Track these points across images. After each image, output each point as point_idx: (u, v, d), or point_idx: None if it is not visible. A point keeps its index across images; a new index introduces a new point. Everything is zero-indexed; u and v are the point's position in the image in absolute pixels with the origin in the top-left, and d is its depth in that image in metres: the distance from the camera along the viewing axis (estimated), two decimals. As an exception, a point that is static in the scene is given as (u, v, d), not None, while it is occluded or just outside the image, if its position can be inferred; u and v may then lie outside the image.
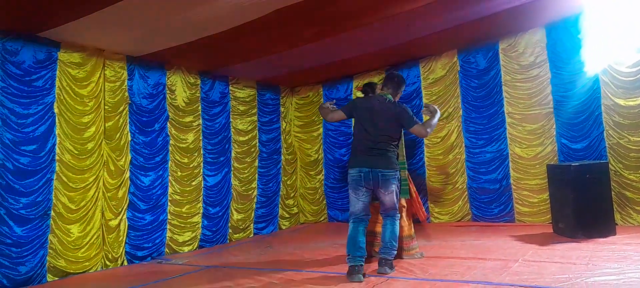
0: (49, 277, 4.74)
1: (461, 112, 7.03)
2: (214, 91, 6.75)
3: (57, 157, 4.88)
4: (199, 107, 6.49)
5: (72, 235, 4.93)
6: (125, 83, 5.59)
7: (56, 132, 4.89)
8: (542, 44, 6.52)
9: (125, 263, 5.41)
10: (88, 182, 5.12)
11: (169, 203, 5.98)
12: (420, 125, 4.14)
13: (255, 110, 7.44)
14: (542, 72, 6.51)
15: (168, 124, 6.06)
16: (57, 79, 4.92)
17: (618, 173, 5.94)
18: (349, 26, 5.48)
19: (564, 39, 6.34)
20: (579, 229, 5.16)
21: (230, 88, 7.03)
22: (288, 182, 8.04)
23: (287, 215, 7.95)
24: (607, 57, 6.01)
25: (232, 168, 6.94)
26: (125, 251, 5.44)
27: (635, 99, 5.90)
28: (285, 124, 8.13)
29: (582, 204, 5.18)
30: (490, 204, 6.81)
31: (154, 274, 4.84)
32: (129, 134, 5.59)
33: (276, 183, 7.74)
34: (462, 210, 7.01)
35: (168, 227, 5.94)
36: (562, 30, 6.35)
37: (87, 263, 5.04)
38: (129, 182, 5.54)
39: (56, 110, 4.90)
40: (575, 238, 5.11)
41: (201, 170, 6.44)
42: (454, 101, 7.09)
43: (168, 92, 6.09)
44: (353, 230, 4.11)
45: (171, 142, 6.07)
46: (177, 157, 6.14)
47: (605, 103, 6.09)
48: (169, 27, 4.87)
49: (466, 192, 6.97)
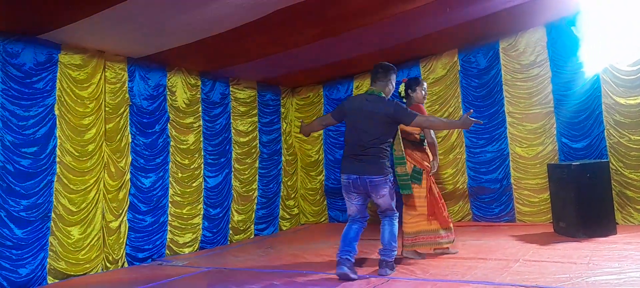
0: (50, 280, 4.74)
1: (461, 112, 7.02)
2: (214, 92, 6.75)
3: (57, 159, 4.88)
4: (200, 108, 6.50)
5: (72, 237, 4.94)
6: (126, 84, 5.59)
7: (57, 134, 4.89)
8: (543, 43, 6.51)
9: (126, 265, 5.42)
10: (89, 184, 5.12)
11: (169, 205, 5.98)
12: (423, 117, 4.02)
13: (256, 111, 7.45)
14: (542, 71, 6.51)
15: (168, 125, 6.06)
16: (57, 80, 4.92)
17: (619, 173, 5.94)
18: (350, 26, 5.48)
19: (564, 37, 6.34)
20: (579, 228, 5.16)
21: (230, 89, 7.04)
22: (288, 183, 8.04)
23: (287, 216, 7.95)
24: (607, 55, 6.01)
25: (233, 169, 6.94)
26: (126, 253, 5.44)
27: (635, 97, 5.90)
28: (285, 125, 8.13)
29: (583, 203, 5.18)
30: (490, 204, 6.80)
31: (154, 276, 4.84)
32: (130, 135, 5.60)
33: (277, 184, 7.74)
34: (462, 210, 7.01)
35: (169, 229, 5.94)
36: (562, 29, 6.35)
37: (87, 266, 5.04)
38: (129, 183, 5.54)
39: (57, 112, 4.91)
40: (576, 238, 5.11)
41: (202, 172, 6.44)
42: (455, 101, 7.09)
43: (168, 93, 6.10)
44: (346, 228, 4.10)
45: (172, 143, 6.08)
46: (178, 159, 6.14)
47: (605, 102, 6.08)
48: (170, 29, 4.88)
49: (467, 192, 6.96)
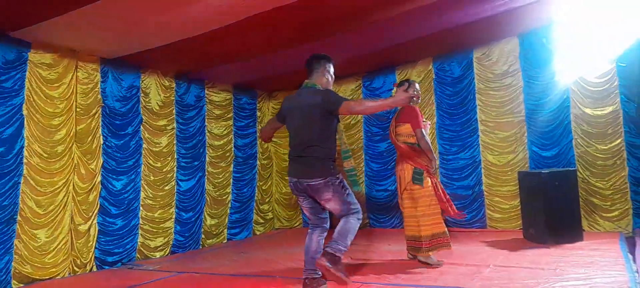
0: (14, 284, 4.61)
1: (435, 119, 7.12)
2: (189, 94, 6.69)
3: (25, 160, 4.76)
4: (174, 111, 6.42)
5: (39, 240, 4.81)
6: (99, 85, 5.50)
7: (25, 135, 4.77)
8: (515, 53, 6.66)
9: (95, 269, 5.30)
10: (57, 186, 5.01)
11: (141, 208, 5.88)
12: (353, 101, 3.51)
13: (231, 114, 7.40)
14: (514, 81, 6.65)
15: (141, 127, 5.97)
16: (26, 80, 4.81)
17: (586, 181, 6.10)
18: (327, 32, 5.50)
19: (536, 49, 6.49)
20: (548, 235, 5.27)
21: (206, 92, 6.98)
22: (263, 187, 8.00)
23: (261, 221, 7.91)
24: (578, 67, 6.18)
25: (207, 173, 6.87)
26: (95, 256, 5.33)
27: (603, 108, 6.08)
28: (261, 129, 8.09)
29: (552, 211, 5.30)
30: (462, 210, 6.88)
31: (124, 280, 4.76)
32: (101, 137, 5.50)
33: (251, 189, 7.70)
34: (435, 216, 7.07)
35: (140, 232, 5.84)
36: (534, 40, 6.50)
37: (54, 270, 4.91)
38: (100, 186, 5.44)
39: (25, 112, 4.79)
40: (544, 244, 5.22)
41: (174, 175, 6.36)
42: (429, 108, 7.17)
43: (142, 95, 6.01)
44: (307, 239, 3.72)
45: (144, 145, 5.99)
46: (150, 161, 6.05)
47: (574, 112, 6.25)
48: (145, 30, 4.81)
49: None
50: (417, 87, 4.82)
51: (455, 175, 6.95)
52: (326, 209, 3.68)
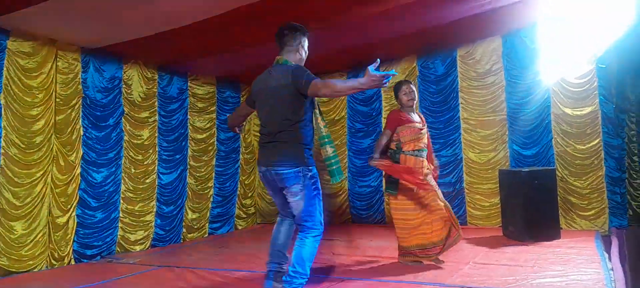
0: (-10, 276, 4.53)
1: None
2: (171, 87, 6.61)
3: (2, 151, 4.66)
4: (156, 103, 6.35)
5: (15, 233, 4.73)
6: (79, 75, 5.40)
7: (2, 125, 4.67)
8: (498, 52, 6.72)
9: (73, 262, 5.23)
10: (35, 177, 4.92)
11: (121, 201, 5.81)
12: (320, 82, 3.00)
13: (214, 107, 7.34)
14: (497, 80, 6.71)
15: (123, 119, 5.90)
16: (5, 68, 4.70)
17: (564, 180, 6.21)
18: (311, 27, 5.46)
19: (518, 48, 6.56)
20: (527, 233, 5.35)
21: (189, 84, 6.91)
22: (246, 182, 7.97)
23: (244, 215, 7.88)
24: (559, 67, 6.27)
25: (188, 167, 6.81)
26: (73, 249, 5.25)
27: (582, 108, 6.19)
28: (245, 123, 8.02)
29: (531, 209, 5.38)
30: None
31: (103, 273, 4.70)
32: (82, 128, 5.41)
33: (234, 183, 7.66)
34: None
35: (120, 226, 5.78)
36: (517, 40, 6.57)
37: (31, 262, 4.83)
38: (79, 178, 5.36)
39: (2, 102, 4.69)
40: (523, 242, 5.29)
41: (156, 168, 6.30)
42: (412, 105, 7.20)
43: (124, 86, 5.93)
44: (274, 230, 3.41)
45: (125, 138, 5.91)
46: (131, 154, 5.98)
47: (554, 112, 6.35)
48: (128, 20, 4.74)
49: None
50: (412, 88, 4.54)
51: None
52: None
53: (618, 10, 5.51)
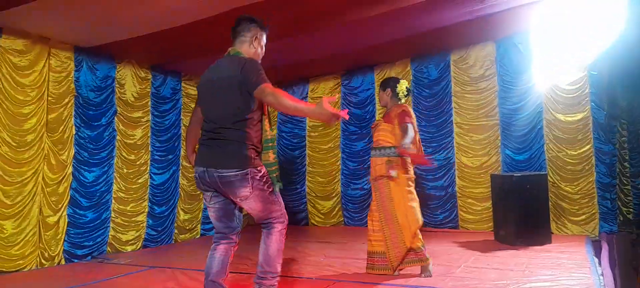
0: (-21, 275, 4.49)
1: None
2: (165, 87, 6.59)
3: (-8, 148, 4.63)
4: (149, 103, 6.32)
5: (5, 232, 4.68)
6: (72, 74, 5.37)
7: (-7, 122, 4.65)
8: (492, 57, 6.76)
9: (63, 262, 5.19)
10: (26, 176, 4.88)
11: (113, 201, 5.78)
12: (270, 88, 2.64)
13: (208, 108, 7.30)
14: (490, 85, 6.75)
15: (116, 118, 5.87)
16: (-4, 66, 4.68)
17: (555, 185, 6.25)
18: (307, 29, 5.49)
19: (512, 54, 6.61)
20: (518, 237, 5.38)
21: (182, 84, 6.89)
22: (239, 183, 7.93)
23: (236, 216, 7.84)
24: (551, 73, 6.31)
25: (181, 167, 6.79)
26: (64, 249, 5.21)
27: (574, 114, 6.24)
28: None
29: (522, 213, 5.41)
30: (435, 210, 6.98)
31: (93, 274, 4.67)
32: (74, 127, 5.38)
33: (226, 184, 7.61)
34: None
35: (111, 226, 5.74)
36: (510, 46, 6.62)
37: (21, 262, 4.79)
38: (71, 177, 5.32)
39: (-6, 99, 4.66)
40: (514, 246, 5.32)
41: (148, 168, 6.27)
42: (406, 109, 7.22)
43: (117, 85, 5.90)
44: (209, 256, 2.96)
45: (118, 137, 5.88)
46: (124, 154, 5.95)
47: (546, 117, 6.39)
48: (121, 19, 4.72)
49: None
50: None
51: (429, 176, 7.03)
52: (240, 214, 3.00)
53: (609, 18, 5.57)
